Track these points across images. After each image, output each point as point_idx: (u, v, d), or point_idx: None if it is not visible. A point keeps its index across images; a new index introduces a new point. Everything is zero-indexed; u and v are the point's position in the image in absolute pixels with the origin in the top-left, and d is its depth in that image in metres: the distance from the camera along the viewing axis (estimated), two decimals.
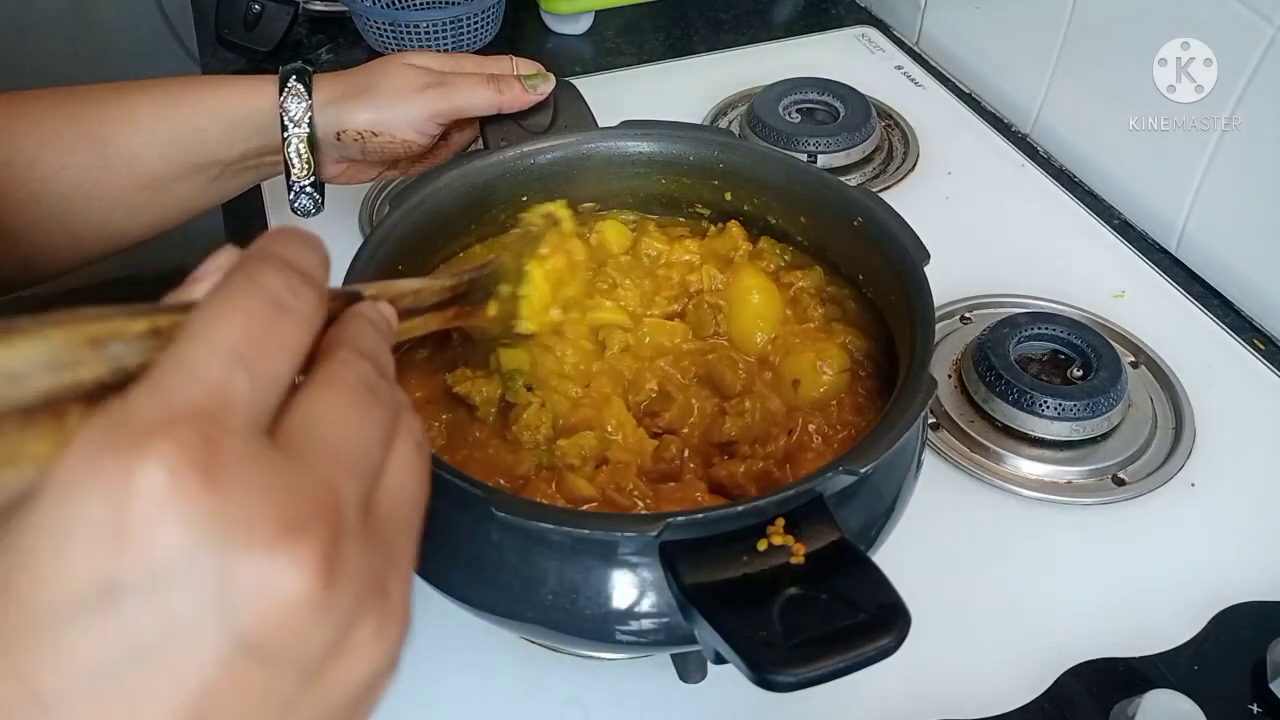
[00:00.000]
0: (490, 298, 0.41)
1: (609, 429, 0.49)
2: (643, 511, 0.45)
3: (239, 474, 0.19)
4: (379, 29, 0.95)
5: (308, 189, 0.61)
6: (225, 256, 0.24)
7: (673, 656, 0.48)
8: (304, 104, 0.58)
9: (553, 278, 0.44)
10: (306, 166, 0.59)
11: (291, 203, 0.61)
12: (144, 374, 0.20)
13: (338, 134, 0.59)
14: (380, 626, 0.21)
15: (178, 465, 0.18)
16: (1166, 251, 0.76)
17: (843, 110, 0.85)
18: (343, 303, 0.27)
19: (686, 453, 0.49)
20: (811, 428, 0.49)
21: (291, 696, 0.20)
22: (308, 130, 0.58)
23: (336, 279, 0.47)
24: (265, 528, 0.19)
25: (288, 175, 0.60)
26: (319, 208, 0.62)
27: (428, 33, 0.94)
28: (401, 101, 0.59)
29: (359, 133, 0.59)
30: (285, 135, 0.58)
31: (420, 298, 0.34)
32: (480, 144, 0.61)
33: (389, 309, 0.29)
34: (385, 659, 0.22)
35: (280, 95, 0.58)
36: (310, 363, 0.23)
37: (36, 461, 0.19)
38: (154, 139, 0.56)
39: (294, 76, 0.58)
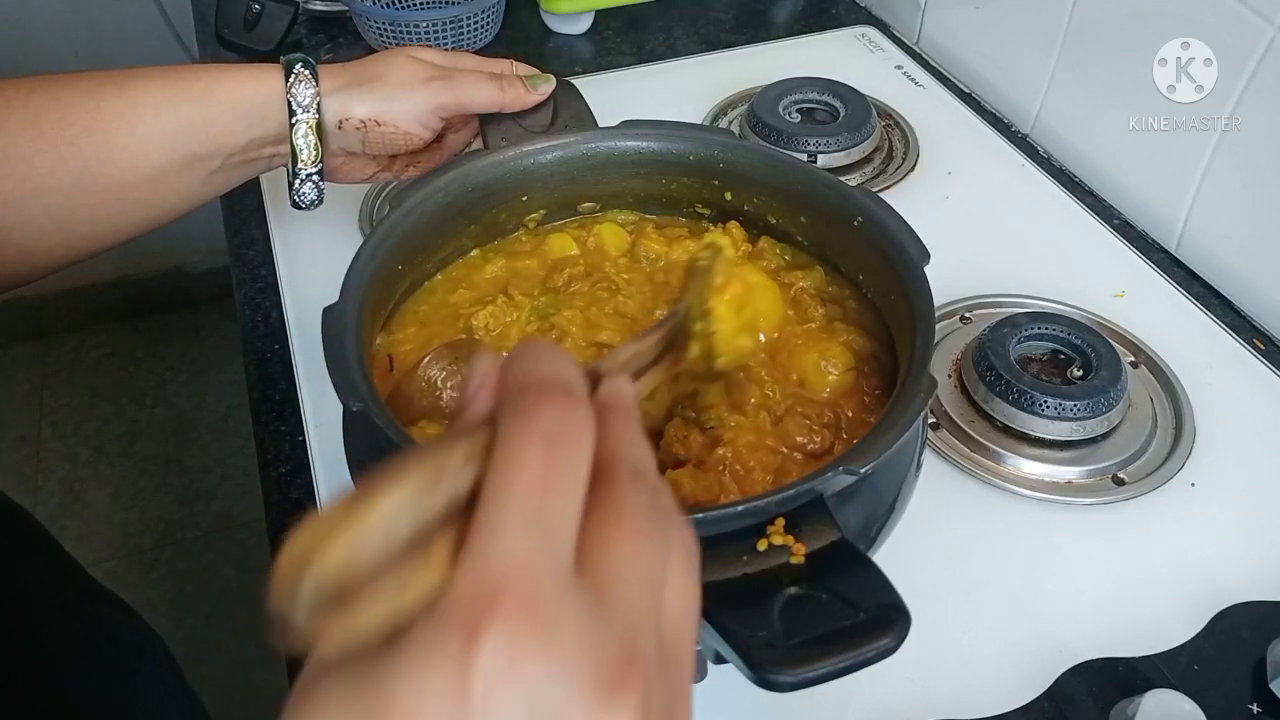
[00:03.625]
0: (690, 339, 0.41)
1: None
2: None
3: (561, 632, 0.21)
4: (379, 29, 0.95)
5: (314, 177, 0.60)
6: (485, 365, 0.26)
7: None
8: (312, 89, 0.58)
9: (734, 305, 0.44)
10: (315, 153, 0.59)
11: (295, 193, 0.61)
12: (472, 500, 0.22)
13: (340, 122, 0.59)
14: None
15: (509, 632, 0.20)
16: (1166, 251, 0.76)
17: (843, 110, 0.85)
18: (591, 383, 0.28)
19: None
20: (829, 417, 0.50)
21: None
22: (316, 116, 0.58)
23: (336, 279, 0.48)
24: (590, 687, 0.21)
25: (294, 163, 0.59)
26: (321, 198, 0.62)
27: (428, 32, 0.94)
28: (406, 92, 0.59)
29: (361, 121, 0.59)
30: (293, 121, 0.58)
31: (641, 358, 0.36)
32: (480, 144, 0.61)
33: (629, 385, 0.31)
34: None
35: (287, 82, 0.57)
36: (592, 480, 0.24)
37: (419, 585, 0.22)
38: (158, 129, 0.55)
39: (299, 64, 0.58)
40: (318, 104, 0.58)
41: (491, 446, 0.23)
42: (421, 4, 0.97)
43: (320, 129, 0.58)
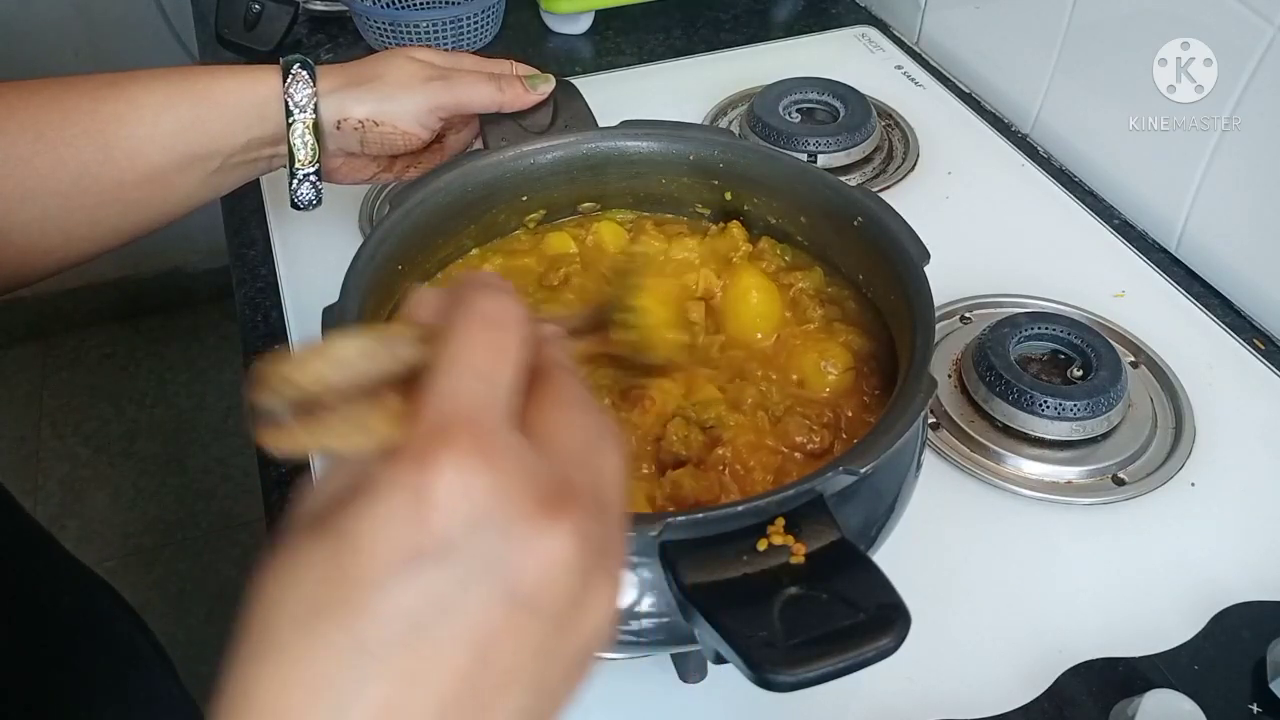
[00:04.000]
0: (611, 325, 0.43)
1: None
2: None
3: (505, 461, 0.24)
4: (379, 29, 0.95)
5: (311, 177, 0.60)
6: (426, 290, 0.30)
7: (673, 656, 0.48)
8: (309, 90, 0.58)
9: (660, 300, 0.45)
10: (311, 153, 0.59)
11: (293, 193, 0.61)
12: (424, 374, 0.26)
13: (338, 122, 0.59)
14: (607, 585, 0.26)
15: (458, 458, 0.23)
16: (1166, 251, 0.76)
17: (843, 110, 0.85)
18: None
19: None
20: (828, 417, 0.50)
21: (549, 641, 0.25)
22: (313, 116, 0.58)
23: (336, 279, 0.48)
24: (530, 505, 0.24)
25: (291, 163, 0.59)
26: (320, 199, 0.62)
27: (428, 32, 0.94)
28: (405, 92, 0.59)
29: (360, 121, 0.59)
30: (290, 121, 0.58)
31: (568, 323, 0.39)
32: (480, 144, 0.61)
33: (558, 329, 0.36)
34: (611, 611, 0.27)
35: (284, 82, 0.58)
36: (531, 377, 0.28)
37: (376, 433, 0.26)
38: (156, 130, 0.56)
39: (298, 64, 0.58)
40: (315, 104, 0.58)
41: (439, 335, 0.27)
42: (421, 4, 0.97)
43: (317, 129, 0.59)
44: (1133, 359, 0.66)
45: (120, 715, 0.63)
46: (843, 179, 0.55)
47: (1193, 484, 0.59)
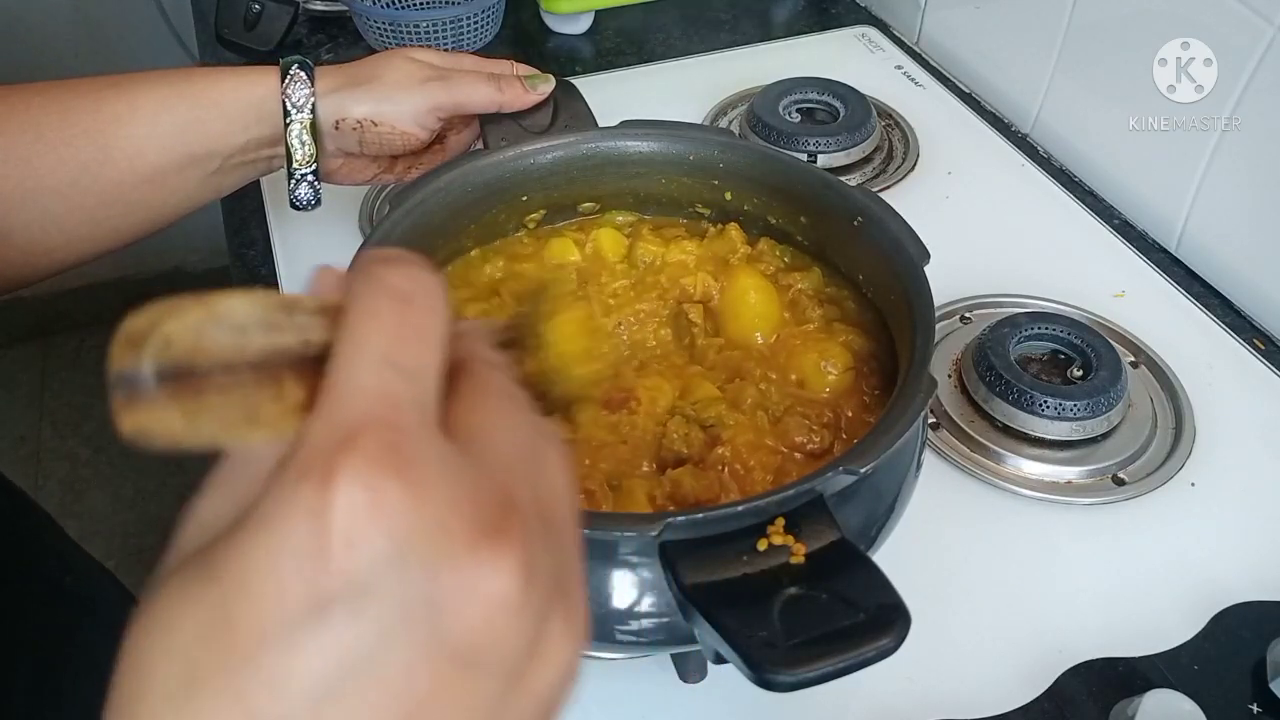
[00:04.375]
0: (524, 351, 0.41)
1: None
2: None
3: (428, 474, 0.19)
4: (379, 29, 0.95)
5: (309, 177, 0.61)
6: (326, 267, 0.25)
7: (673, 656, 0.48)
8: (307, 90, 0.58)
9: (568, 332, 0.43)
10: (308, 154, 0.59)
11: (291, 193, 0.61)
12: (325, 353, 0.21)
13: (336, 122, 0.59)
14: (566, 625, 0.22)
15: (367, 473, 0.19)
16: (1166, 251, 0.76)
17: (843, 110, 0.85)
18: None
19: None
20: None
21: (497, 700, 0.20)
22: (310, 116, 0.58)
23: None
24: (462, 532, 0.19)
25: (289, 162, 0.60)
26: (319, 199, 0.62)
27: (428, 32, 0.94)
28: (403, 93, 0.59)
29: (358, 121, 0.59)
30: (288, 121, 0.58)
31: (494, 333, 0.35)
32: (480, 144, 0.61)
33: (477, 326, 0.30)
34: (574, 657, 0.22)
35: (282, 83, 0.58)
36: (450, 373, 0.23)
37: (269, 427, 0.21)
38: (155, 130, 0.56)
39: (296, 65, 0.58)
40: (312, 105, 0.58)
41: (343, 310, 0.22)
42: (421, 4, 0.97)
43: (315, 129, 0.59)
44: (1133, 359, 0.66)
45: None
46: (843, 179, 0.55)
47: (1193, 484, 0.59)
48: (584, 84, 0.63)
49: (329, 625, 0.18)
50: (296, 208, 0.62)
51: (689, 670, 0.48)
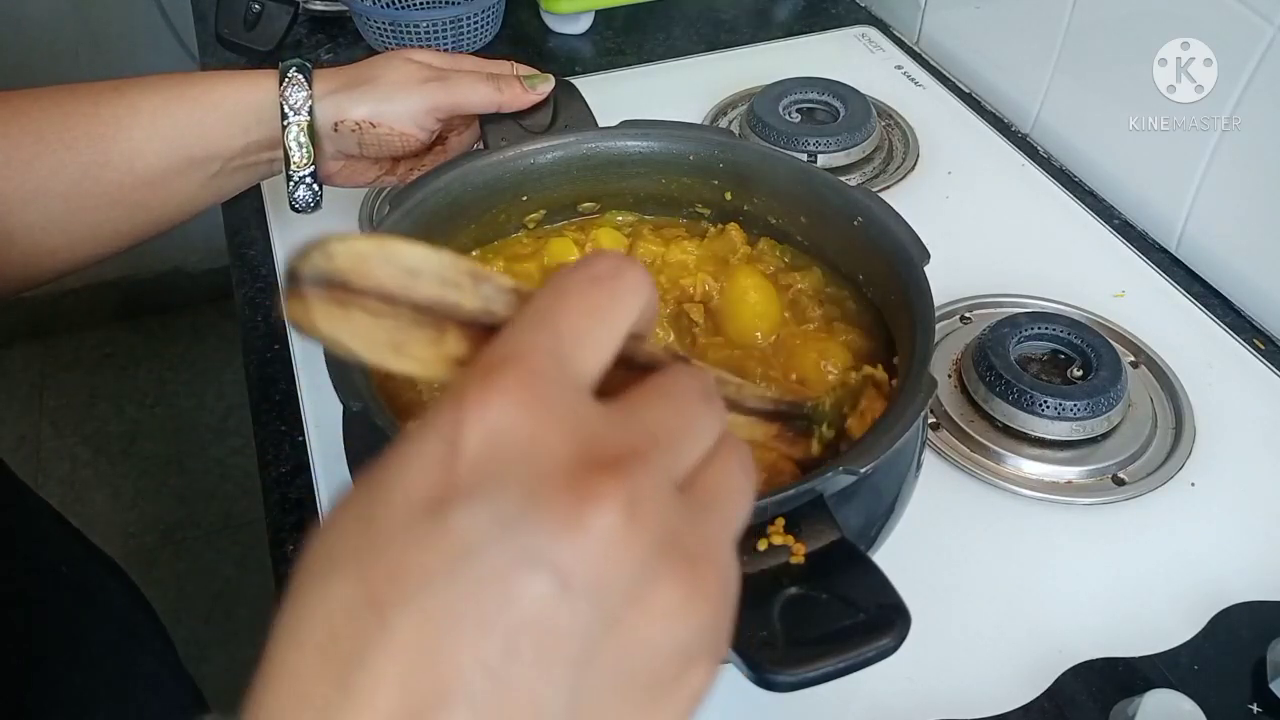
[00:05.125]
0: (810, 436, 0.41)
1: None
2: None
3: (552, 408, 0.21)
4: (379, 29, 0.95)
5: (307, 179, 0.61)
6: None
7: None
8: (304, 93, 0.58)
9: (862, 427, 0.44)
10: (306, 155, 0.59)
11: (290, 195, 0.61)
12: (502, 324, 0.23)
13: (335, 124, 0.59)
14: (687, 598, 0.22)
15: (495, 399, 0.21)
16: (1166, 251, 0.76)
17: (843, 110, 0.85)
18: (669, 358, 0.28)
19: None
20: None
21: (591, 635, 0.21)
22: (308, 119, 0.58)
23: None
24: (576, 462, 0.21)
25: (287, 165, 0.60)
26: (318, 201, 0.62)
27: (428, 32, 0.94)
28: (402, 94, 0.59)
29: (357, 123, 0.59)
30: (285, 124, 0.58)
31: (741, 394, 0.35)
32: (480, 145, 0.61)
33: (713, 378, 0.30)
34: (693, 637, 0.22)
35: (280, 86, 0.58)
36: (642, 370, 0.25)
37: (417, 362, 0.23)
38: (155, 134, 0.56)
39: (294, 68, 0.58)
40: (310, 107, 0.58)
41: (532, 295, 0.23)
42: (421, 4, 0.97)
43: (313, 131, 0.59)
44: (1133, 359, 0.66)
45: (113, 681, 0.62)
46: (843, 179, 0.55)
47: (1193, 484, 0.59)
48: (584, 84, 0.63)
49: (444, 522, 0.20)
50: (296, 209, 0.62)
51: None
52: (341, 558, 0.21)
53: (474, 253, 0.59)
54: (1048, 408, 0.59)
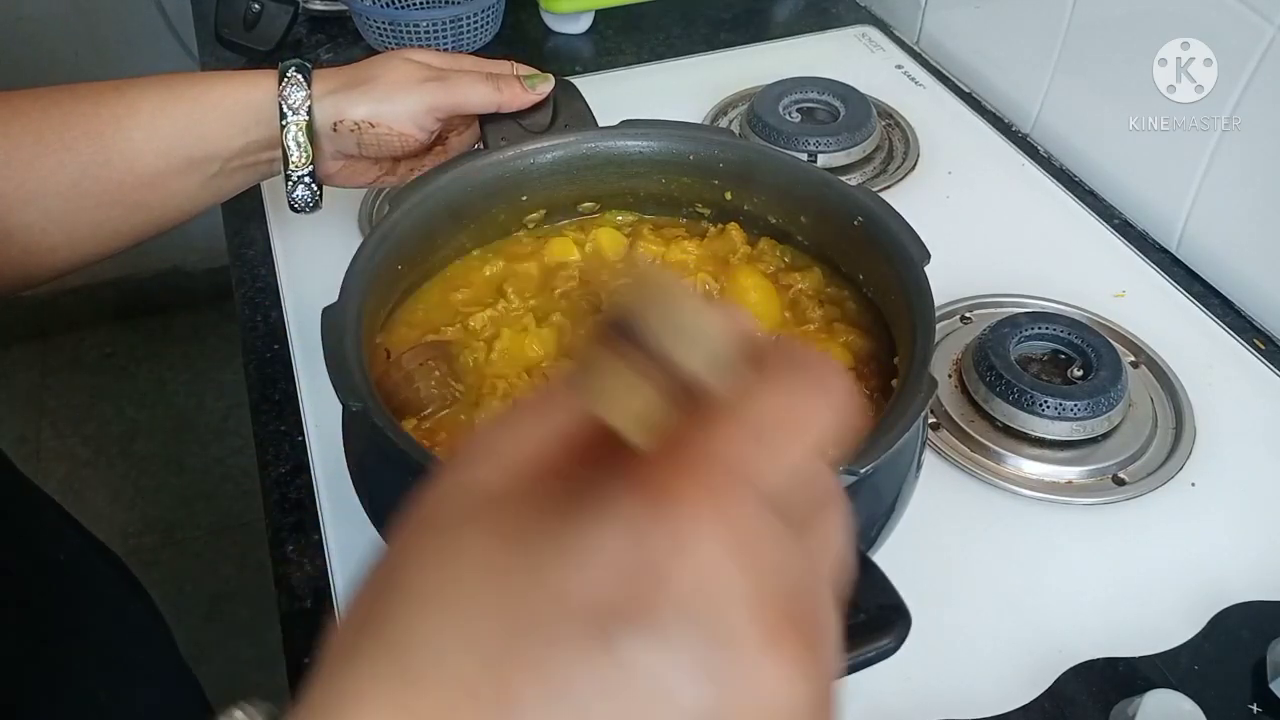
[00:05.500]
0: None
1: None
2: None
3: (764, 551, 0.19)
4: (379, 28, 0.95)
5: (305, 179, 0.61)
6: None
7: None
8: (303, 93, 0.58)
9: None
10: (305, 155, 0.59)
11: (290, 195, 0.61)
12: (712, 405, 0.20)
13: (334, 124, 0.59)
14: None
15: (714, 518, 0.18)
16: (1166, 251, 0.76)
17: (843, 110, 0.85)
18: None
19: None
20: None
21: None
22: (306, 119, 0.58)
23: (336, 279, 0.48)
24: (772, 617, 0.18)
25: (286, 165, 0.60)
26: (317, 202, 0.62)
27: (428, 32, 0.94)
28: (401, 94, 0.59)
29: (356, 123, 0.59)
30: (284, 123, 0.58)
31: None
32: (480, 145, 0.61)
33: None
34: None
35: (279, 86, 0.58)
36: None
37: (619, 413, 0.20)
38: (154, 134, 0.56)
39: (293, 68, 0.58)
40: (309, 107, 0.58)
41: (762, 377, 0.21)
42: (421, 4, 0.97)
43: (311, 131, 0.59)
44: (1133, 359, 0.66)
45: (112, 674, 0.63)
46: (843, 179, 0.55)
47: (1193, 484, 0.59)
48: (584, 84, 0.63)
49: (612, 646, 0.17)
50: (295, 209, 0.62)
51: None
52: (472, 626, 0.18)
53: (474, 252, 0.59)
54: (1048, 408, 0.59)
